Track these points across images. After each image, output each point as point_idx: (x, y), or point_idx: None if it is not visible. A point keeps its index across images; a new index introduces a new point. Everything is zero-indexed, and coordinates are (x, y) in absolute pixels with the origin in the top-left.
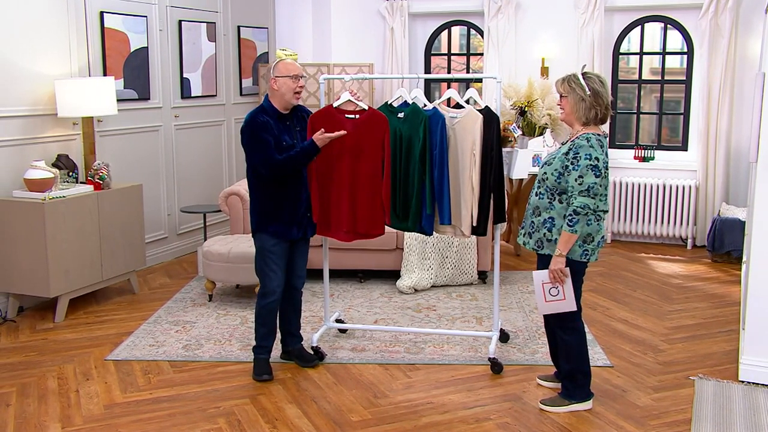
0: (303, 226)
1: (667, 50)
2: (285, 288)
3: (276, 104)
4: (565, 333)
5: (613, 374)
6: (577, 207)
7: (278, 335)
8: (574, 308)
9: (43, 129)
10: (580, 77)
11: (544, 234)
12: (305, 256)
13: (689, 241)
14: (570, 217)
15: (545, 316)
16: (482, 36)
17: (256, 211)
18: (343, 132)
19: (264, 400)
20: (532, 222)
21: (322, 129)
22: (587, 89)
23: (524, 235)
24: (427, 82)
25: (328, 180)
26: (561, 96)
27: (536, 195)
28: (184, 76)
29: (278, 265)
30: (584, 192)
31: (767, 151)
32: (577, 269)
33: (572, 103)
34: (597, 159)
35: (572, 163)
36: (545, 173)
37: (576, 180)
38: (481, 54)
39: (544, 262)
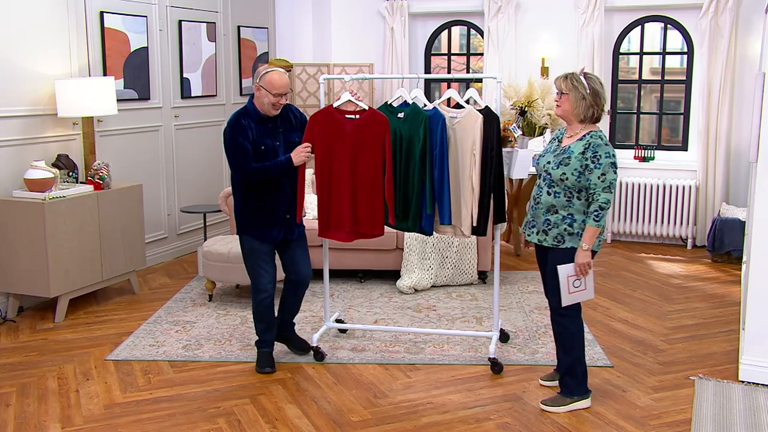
0: (283, 228)
1: (667, 50)
2: (289, 282)
3: (258, 107)
4: (567, 321)
5: (613, 374)
6: (602, 203)
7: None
8: (593, 296)
9: (43, 129)
10: (581, 76)
11: (565, 229)
12: (305, 251)
13: (689, 241)
14: (596, 213)
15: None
16: (482, 36)
17: (238, 213)
18: (308, 145)
19: (264, 400)
20: (548, 220)
21: (308, 144)
22: (588, 88)
23: (538, 233)
24: (427, 82)
25: (328, 180)
26: (561, 93)
27: (548, 194)
28: (184, 76)
29: (267, 263)
30: (607, 188)
31: (767, 151)
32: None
33: (573, 101)
34: (614, 156)
35: (593, 162)
36: (564, 174)
37: (599, 178)
38: (481, 54)
39: (565, 255)
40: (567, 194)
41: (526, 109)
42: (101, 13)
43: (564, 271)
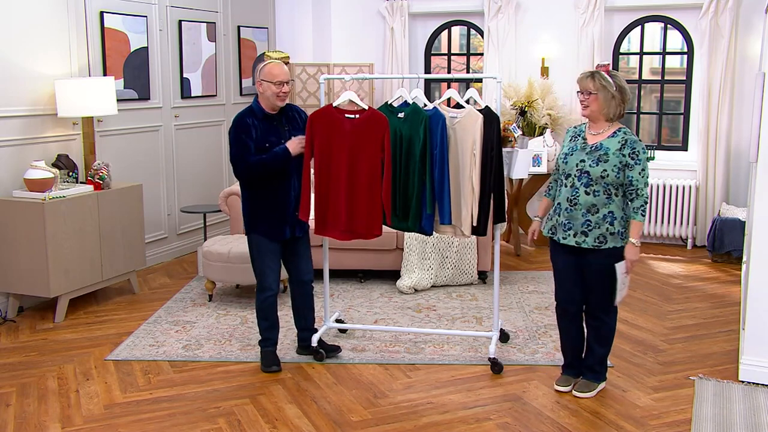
0: (294, 225)
1: (667, 50)
2: (293, 284)
3: (263, 105)
4: (609, 317)
5: (613, 374)
6: (645, 198)
7: (296, 331)
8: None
9: (43, 129)
10: (604, 74)
11: (607, 228)
12: (307, 251)
13: (689, 241)
14: (642, 208)
15: (574, 310)
16: (482, 36)
17: (246, 212)
18: (302, 137)
19: (264, 400)
20: (588, 221)
21: (301, 137)
22: (614, 86)
23: (575, 234)
24: (427, 82)
25: (326, 179)
26: (589, 93)
27: (587, 194)
28: (184, 76)
29: (273, 262)
30: (646, 183)
31: (767, 151)
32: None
33: (602, 101)
34: (648, 152)
35: (632, 158)
36: (605, 170)
37: (640, 173)
38: (481, 54)
39: (610, 255)
40: (606, 192)
41: (526, 109)
42: (101, 13)
43: (621, 269)
